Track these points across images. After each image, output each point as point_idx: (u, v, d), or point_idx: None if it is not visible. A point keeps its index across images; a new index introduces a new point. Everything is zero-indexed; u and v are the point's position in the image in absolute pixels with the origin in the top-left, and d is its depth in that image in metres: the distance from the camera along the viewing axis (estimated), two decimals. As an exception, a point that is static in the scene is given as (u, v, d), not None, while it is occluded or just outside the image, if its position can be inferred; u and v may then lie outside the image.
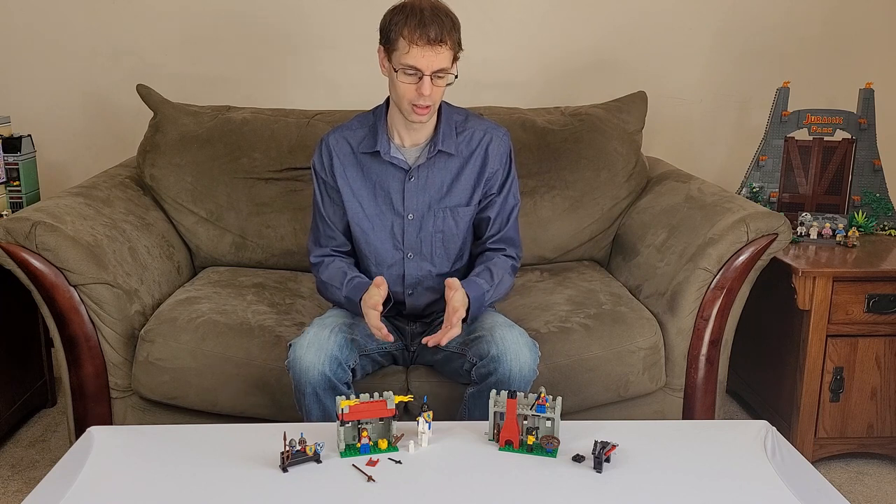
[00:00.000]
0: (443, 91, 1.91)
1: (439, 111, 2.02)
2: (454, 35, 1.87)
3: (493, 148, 2.04)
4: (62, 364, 2.16)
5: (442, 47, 1.84)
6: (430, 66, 1.84)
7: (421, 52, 1.83)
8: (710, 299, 2.20)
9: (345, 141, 2.04)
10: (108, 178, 2.58)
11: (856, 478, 2.40)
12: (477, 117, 2.09)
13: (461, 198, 2.04)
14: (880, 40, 3.08)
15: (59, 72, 2.99)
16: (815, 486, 1.53)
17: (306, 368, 1.82)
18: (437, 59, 1.84)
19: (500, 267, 2.01)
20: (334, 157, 2.04)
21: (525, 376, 1.84)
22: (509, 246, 2.08)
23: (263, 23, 2.98)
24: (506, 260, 2.05)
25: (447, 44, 1.84)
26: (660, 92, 2.99)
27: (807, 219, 2.59)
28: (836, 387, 2.36)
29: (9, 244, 2.06)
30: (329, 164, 2.04)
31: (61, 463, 1.58)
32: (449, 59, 1.87)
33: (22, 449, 2.51)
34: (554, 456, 1.60)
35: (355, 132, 2.05)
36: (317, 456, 1.56)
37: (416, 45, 1.82)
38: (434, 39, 1.82)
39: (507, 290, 2.05)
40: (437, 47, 1.83)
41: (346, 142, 2.04)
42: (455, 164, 2.03)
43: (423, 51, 1.82)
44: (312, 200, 2.11)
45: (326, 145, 2.05)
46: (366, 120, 2.06)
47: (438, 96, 1.90)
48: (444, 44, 1.83)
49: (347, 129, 2.06)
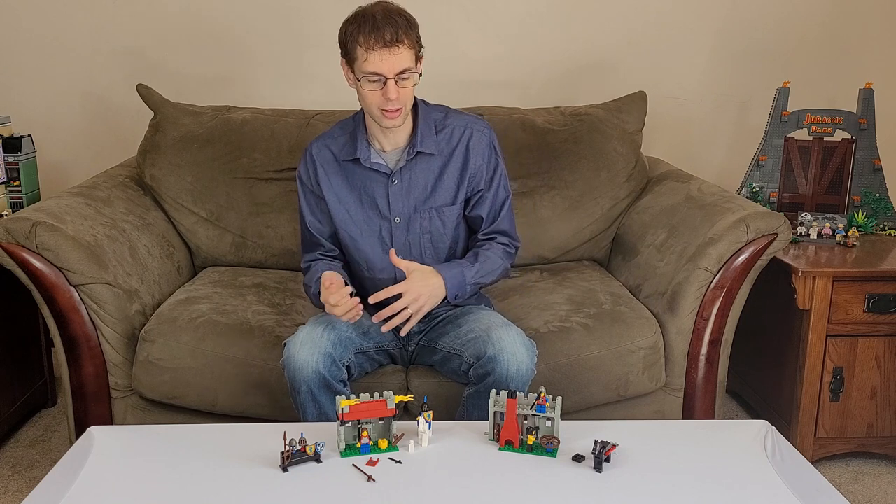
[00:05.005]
0: (411, 92, 1.90)
1: (416, 111, 2.01)
2: (411, 34, 1.85)
3: (475, 143, 2.02)
4: (62, 364, 2.16)
5: (399, 48, 1.82)
6: (392, 68, 1.83)
7: (379, 56, 1.82)
8: (710, 299, 2.20)
9: (327, 149, 2.04)
10: (108, 178, 2.58)
11: (856, 478, 2.40)
12: (457, 113, 2.07)
13: (446, 197, 2.03)
14: (880, 40, 3.08)
15: (59, 72, 2.99)
16: (815, 486, 1.53)
17: (300, 366, 1.82)
18: (397, 61, 1.83)
19: (487, 250, 2.00)
20: (318, 166, 2.04)
21: (523, 376, 1.84)
22: (503, 236, 2.07)
23: (263, 23, 2.98)
24: (497, 245, 2.04)
25: (404, 43, 1.83)
26: (660, 92, 2.99)
27: (807, 219, 2.59)
28: (835, 387, 2.36)
29: (9, 244, 2.06)
30: (314, 174, 2.05)
31: (61, 463, 1.58)
32: (409, 59, 1.85)
33: (22, 449, 2.51)
34: (554, 456, 1.60)
35: (337, 139, 2.05)
36: (317, 456, 1.56)
37: (373, 50, 1.82)
38: (390, 41, 1.81)
39: (499, 270, 2.03)
40: (395, 48, 1.82)
41: (329, 150, 2.04)
42: (437, 163, 2.02)
43: (381, 55, 1.82)
44: (298, 211, 2.10)
45: (310, 155, 2.06)
46: (346, 126, 2.06)
47: (406, 98, 1.89)
48: (400, 44, 1.82)
49: (329, 137, 2.06)
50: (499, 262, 2.02)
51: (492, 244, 2.04)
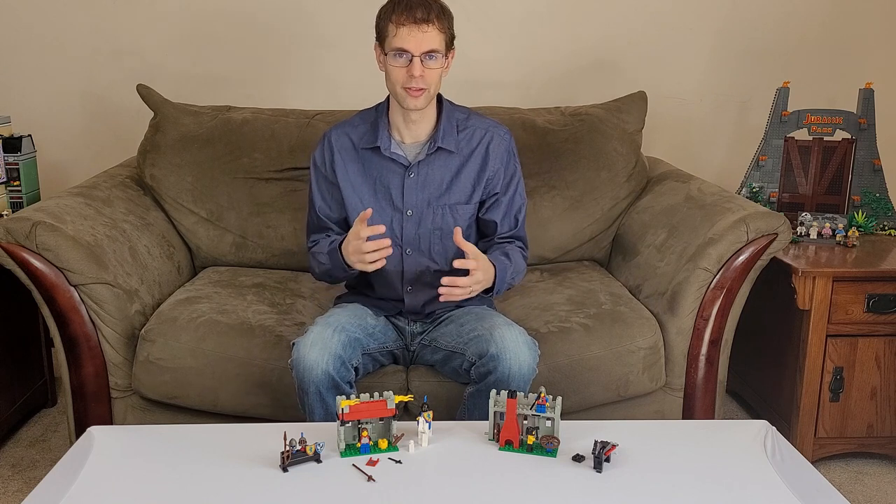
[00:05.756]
0: (437, 76, 1.91)
1: (440, 108, 2.02)
2: (443, 20, 1.89)
3: (494, 147, 2.05)
4: (62, 364, 2.16)
5: (429, 27, 1.86)
6: (419, 46, 1.86)
7: (408, 31, 1.85)
8: (710, 299, 2.20)
9: (346, 137, 2.06)
10: (108, 178, 2.58)
11: (856, 478, 2.40)
12: (479, 116, 2.10)
13: (461, 195, 2.04)
14: (880, 40, 3.08)
15: (59, 72, 2.99)
16: (815, 486, 1.53)
17: (310, 367, 1.82)
18: (425, 39, 1.86)
19: (512, 251, 2.02)
20: (336, 153, 2.05)
21: (524, 375, 1.84)
22: (520, 243, 2.10)
23: (263, 23, 2.98)
24: (517, 248, 2.06)
25: (434, 24, 1.86)
26: (660, 92, 2.99)
27: (807, 219, 2.59)
28: (835, 387, 2.36)
29: (9, 244, 2.06)
30: (330, 160, 2.06)
31: (61, 463, 1.58)
32: (438, 41, 1.88)
33: (22, 449, 2.51)
34: (554, 456, 1.60)
35: (357, 128, 2.07)
36: (317, 456, 1.56)
37: (402, 26, 1.85)
38: (420, 19, 1.85)
39: (522, 273, 2.06)
40: (424, 26, 1.85)
41: (348, 137, 2.06)
42: (455, 161, 2.03)
43: (409, 30, 1.85)
44: (309, 194, 2.11)
45: (329, 141, 2.07)
46: (368, 116, 2.07)
47: (431, 80, 1.91)
48: (430, 23, 1.86)
49: (349, 125, 2.08)
50: (523, 265, 2.06)
51: (513, 246, 2.05)
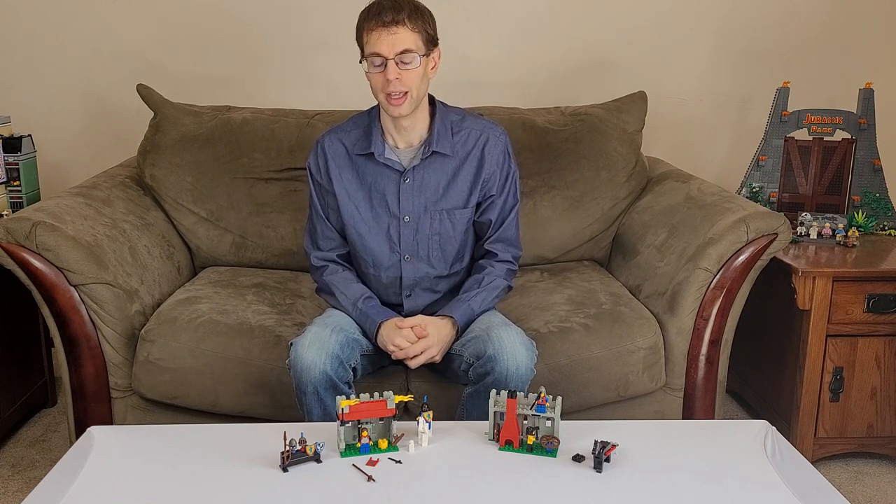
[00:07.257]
0: (417, 77, 1.88)
1: (433, 111, 2.01)
2: (416, 19, 1.86)
3: (490, 148, 2.02)
4: (62, 364, 2.16)
5: (398, 27, 1.84)
6: (391, 48, 1.84)
7: (377, 35, 1.84)
8: (710, 299, 2.20)
9: (339, 143, 2.04)
10: (108, 178, 2.58)
11: (856, 478, 2.40)
12: (474, 117, 2.08)
13: (458, 200, 2.03)
14: (880, 40, 3.08)
15: (59, 72, 2.99)
16: (815, 486, 1.53)
17: (307, 367, 1.82)
18: (396, 41, 1.84)
19: (489, 275, 2.02)
20: (329, 160, 2.03)
21: (522, 375, 1.84)
22: (508, 246, 2.08)
23: (263, 23, 2.98)
24: (500, 266, 2.05)
25: (405, 25, 1.84)
26: (660, 92, 2.99)
27: (807, 219, 2.59)
28: (835, 387, 2.36)
29: (9, 244, 2.06)
30: (325, 167, 2.04)
31: (61, 463, 1.58)
32: (411, 41, 1.85)
33: (22, 449, 2.51)
34: (554, 456, 1.60)
35: (350, 133, 2.04)
36: (317, 456, 1.56)
37: (373, 31, 1.85)
38: (389, 21, 1.83)
39: (502, 291, 2.06)
40: (393, 27, 1.83)
41: (341, 143, 2.04)
42: (451, 165, 2.01)
43: (379, 34, 1.84)
44: (309, 201, 2.11)
45: (322, 148, 2.05)
46: (361, 121, 2.05)
47: (411, 82, 1.88)
48: (400, 24, 1.84)
49: (342, 131, 2.05)
50: (502, 285, 2.05)
51: (493, 267, 2.04)
